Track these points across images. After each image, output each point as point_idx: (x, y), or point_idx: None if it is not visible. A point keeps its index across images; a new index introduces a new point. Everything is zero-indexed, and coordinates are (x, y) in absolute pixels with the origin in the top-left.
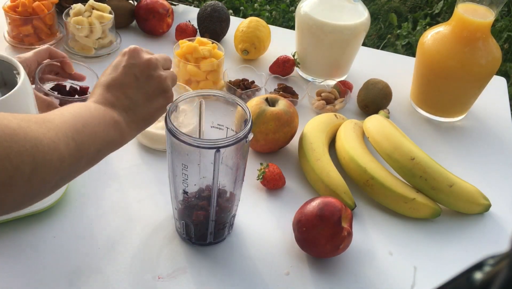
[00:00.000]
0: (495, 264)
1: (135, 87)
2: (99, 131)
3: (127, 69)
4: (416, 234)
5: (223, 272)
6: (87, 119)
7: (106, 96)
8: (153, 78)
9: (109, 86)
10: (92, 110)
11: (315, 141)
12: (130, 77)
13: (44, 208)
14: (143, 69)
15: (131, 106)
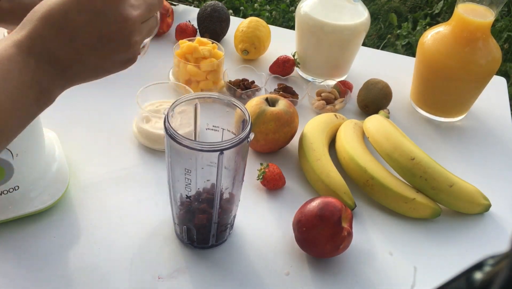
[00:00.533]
0: (495, 264)
1: (92, 44)
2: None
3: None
4: (416, 234)
5: (223, 272)
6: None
7: (44, 38)
8: (122, 42)
9: (53, 24)
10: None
11: (315, 141)
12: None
13: (44, 208)
14: (116, 32)
15: (74, 63)
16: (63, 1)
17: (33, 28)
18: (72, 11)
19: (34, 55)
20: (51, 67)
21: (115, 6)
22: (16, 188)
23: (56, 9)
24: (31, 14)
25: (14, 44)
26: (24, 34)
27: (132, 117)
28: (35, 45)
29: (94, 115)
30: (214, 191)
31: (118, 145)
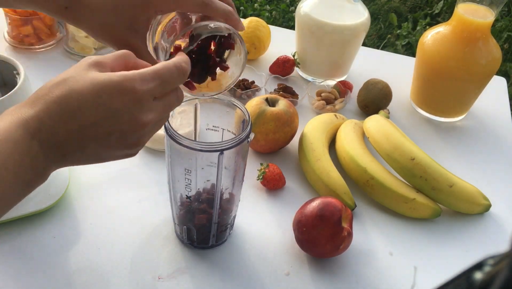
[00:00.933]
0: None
1: (100, 138)
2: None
3: (108, 116)
4: (416, 234)
5: (223, 272)
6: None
7: (54, 124)
8: (131, 141)
9: (67, 111)
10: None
11: (315, 141)
12: (102, 129)
13: (44, 208)
14: (127, 133)
15: (76, 152)
16: (82, 90)
17: (45, 110)
18: (89, 104)
19: (39, 140)
20: (52, 152)
21: (133, 110)
22: None
23: (73, 97)
24: (45, 92)
25: (22, 124)
26: (33, 114)
27: None
28: (42, 130)
29: None
30: (214, 191)
31: None
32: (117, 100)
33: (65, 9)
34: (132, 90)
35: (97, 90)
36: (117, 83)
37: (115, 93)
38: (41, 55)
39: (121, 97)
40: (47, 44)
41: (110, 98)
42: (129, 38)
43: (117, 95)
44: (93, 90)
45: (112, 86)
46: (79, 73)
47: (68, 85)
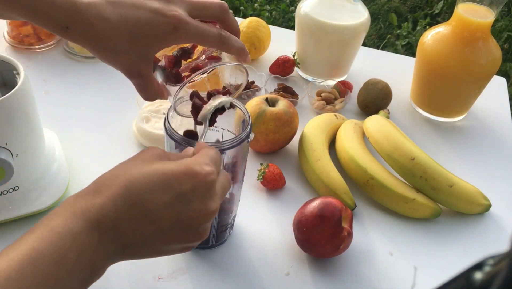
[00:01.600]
0: (495, 264)
1: (164, 228)
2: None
3: (175, 209)
4: (416, 234)
5: (223, 272)
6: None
7: (118, 212)
8: (195, 232)
9: (133, 196)
10: (68, 250)
11: (315, 141)
12: (167, 219)
13: (44, 208)
14: (194, 220)
15: (137, 244)
16: (150, 174)
17: (111, 196)
18: (157, 188)
19: (101, 231)
20: (113, 244)
21: (203, 194)
22: (16, 188)
23: (140, 180)
24: (108, 179)
25: (83, 214)
26: (98, 202)
27: (132, 117)
28: (106, 220)
29: (94, 115)
30: None
31: (118, 144)
32: (187, 184)
33: (66, 30)
34: (200, 173)
35: (165, 173)
36: (186, 167)
37: (184, 177)
38: (41, 55)
39: (190, 180)
40: (47, 44)
41: (179, 182)
42: (141, 67)
43: (186, 178)
44: (160, 173)
45: (180, 170)
46: (146, 159)
47: (134, 169)
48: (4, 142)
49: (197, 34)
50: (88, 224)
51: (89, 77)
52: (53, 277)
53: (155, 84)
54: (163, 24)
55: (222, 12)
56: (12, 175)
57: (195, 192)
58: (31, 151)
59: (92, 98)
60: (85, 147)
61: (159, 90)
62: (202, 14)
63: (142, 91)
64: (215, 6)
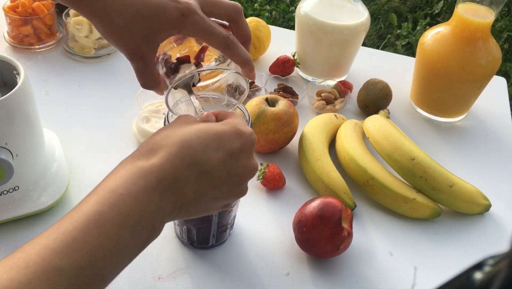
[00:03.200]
0: (495, 264)
1: (216, 185)
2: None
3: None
4: (416, 234)
5: (223, 272)
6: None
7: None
8: (239, 187)
9: (189, 154)
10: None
11: (315, 141)
12: (220, 176)
13: (44, 208)
14: (241, 176)
15: (192, 201)
16: (202, 134)
17: (168, 155)
18: (211, 146)
19: (160, 191)
20: (171, 203)
21: (249, 152)
22: (16, 188)
23: (194, 140)
24: (161, 139)
25: (142, 175)
26: (156, 162)
27: (132, 117)
28: (165, 180)
29: (94, 115)
30: None
31: (118, 145)
32: (237, 141)
33: (79, 1)
34: (246, 132)
35: (216, 133)
36: (234, 127)
37: (234, 136)
38: (41, 55)
39: (239, 138)
40: (47, 44)
41: (230, 141)
42: (144, 49)
43: (235, 137)
44: (213, 135)
45: (231, 130)
46: (188, 122)
47: (187, 131)
48: (4, 142)
49: (204, 28)
50: (148, 184)
51: (89, 77)
52: (116, 237)
53: (155, 72)
54: (172, 9)
55: (235, 12)
56: (12, 175)
57: (243, 150)
58: (31, 151)
59: (92, 98)
60: (85, 147)
61: (158, 80)
62: (214, 11)
63: (141, 76)
64: (228, 5)
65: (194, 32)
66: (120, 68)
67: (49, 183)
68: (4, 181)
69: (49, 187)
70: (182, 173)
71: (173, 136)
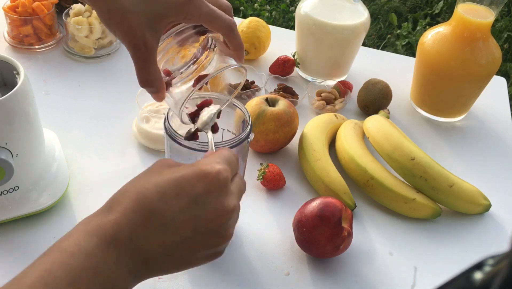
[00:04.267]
0: (495, 264)
1: (185, 235)
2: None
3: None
4: (416, 234)
5: (223, 272)
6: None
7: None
8: (217, 234)
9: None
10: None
11: (315, 141)
12: (185, 225)
13: (44, 208)
14: (213, 221)
15: (160, 256)
16: (160, 182)
17: (123, 211)
18: (169, 195)
19: (117, 247)
20: (133, 259)
21: (217, 193)
22: (16, 188)
23: (151, 190)
24: (120, 195)
25: (97, 231)
26: (111, 219)
27: (132, 117)
28: (121, 234)
29: (94, 115)
30: None
31: (118, 145)
32: (199, 185)
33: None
34: (211, 172)
35: (176, 179)
36: (196, 169)
37: (195, 179)
38: (41, 55)
39: (203, 180)
40: (47, 44)
41: (191, 183)
42: (147, 35)
43: (197, 179)
44: (171, 180)
45: (191, 173)
46: (156, 169)
47: (144, 180)
48: (4, 142)
49: (208, 11)
50: (102, 240)
51: (89, 77)
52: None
53: (157, 68)
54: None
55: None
56: (12, 175)
57: (209, 191)
58: (31, 151)
59: (92, 99)
60: (85, 147)
61: (159, 77)
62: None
63: (141, 68)
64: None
65: (200, 17)
66: (120, 68)
67: (49, 183)
68: (4, 181)
69: (49, 187)
70: (140, 226)
71: (132, 190)
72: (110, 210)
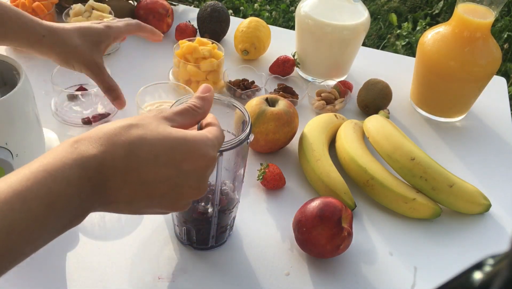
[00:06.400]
0: (495, 264)
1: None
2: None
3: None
4: (416, 234)
5: (223, 273)
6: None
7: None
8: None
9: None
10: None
11: (315, 141)
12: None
13: None
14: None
15: (123, 203)
16: (155, 141)
17: (111, 152)
18: (159, 160)
19: (94, 185)
20: (102, 197)
21: (202, 176)
22: None
23: (145, 146)
24: (114, 132)
25: (81, 163)
26: (97, 154)
27: None
28: (102, 175)
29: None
30: (214, 192)
31: None
32: (191, 162)
33: (42, 38)
34: (206, 156)
35: (171, 146)
36: (194, 145)
37: (189, 154)
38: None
39: (194, 159)
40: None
41: (182, 158)
42: (94, 56)
43: (190, 156)
44: (166, 144)
45: (188, 146)
46: (152, 122)
47: (140, 132)
48: (4, 142)
49: (124, 25)
50: (85, 173)
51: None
52: (41, 217)
53: (110, 78)
54: (99, 25)
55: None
56: None
57: (196, 171)
58: (31, 151)
59: (92, 98)
60: None
61: (115, 84)
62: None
63: (100, 80)
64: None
65: (121, 33)
66: (120, 68)
67: None
68: None
69: None
70: (121, 177)
71: (127, 134)
72: (99, 144)
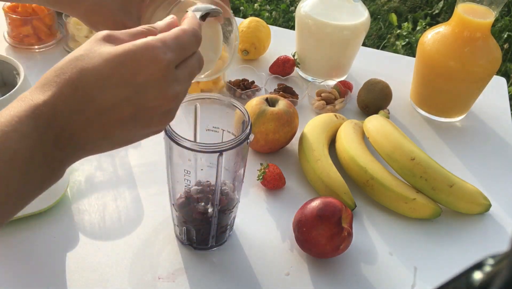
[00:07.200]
0: (495, 264)
1: (124, 122)
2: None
3: (133, 101)
4: (416, 234)
5: (223, 273)
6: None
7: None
8: (158, 119)
9: (85, 93)
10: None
11: (315, 141)
12: (126, 112)
13: (44, 208)
14: (154, 109)
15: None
16: (98, 66)
17: (58, 95)
18: (108, 82)
19: (54, 130)
20: (70, 145)
21: (159, 83)
22: None
23: (89, 76)
24: (57, 72)
25: (32, 112)
26: (46, 100)
27: None
28: (57, 117)
29: None
30: (214, 192)
31: None
32: (140, 73)
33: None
34: (155, 60)
35: (116, 64)
36: (138, 53)
37: (137, 65)
38: (41, 55)
39: (145, 69)
40: (47, 44)
41: (132, 72)
42: (123, 19)
43: (139, 67)
44: (111, 65)
45: (132, 57)
46: (92, 49)
47: (82, 63)
48: None
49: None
50: (39, 122)
51: None
52: (4, 177)
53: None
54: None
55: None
56: None
57: (152, 81)
58: None
59: None
60: None
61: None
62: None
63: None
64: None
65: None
66: None
67: None
68: None
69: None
70: (77, 114)
71: (70, 71)
72: (45, 88)
